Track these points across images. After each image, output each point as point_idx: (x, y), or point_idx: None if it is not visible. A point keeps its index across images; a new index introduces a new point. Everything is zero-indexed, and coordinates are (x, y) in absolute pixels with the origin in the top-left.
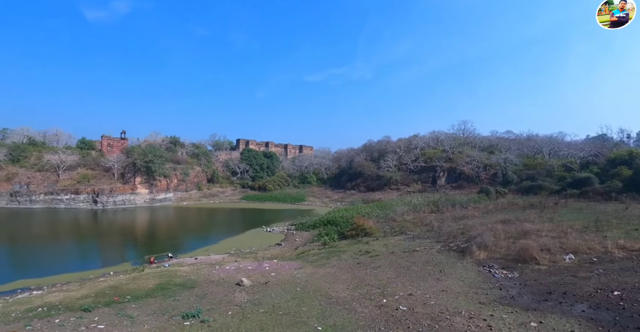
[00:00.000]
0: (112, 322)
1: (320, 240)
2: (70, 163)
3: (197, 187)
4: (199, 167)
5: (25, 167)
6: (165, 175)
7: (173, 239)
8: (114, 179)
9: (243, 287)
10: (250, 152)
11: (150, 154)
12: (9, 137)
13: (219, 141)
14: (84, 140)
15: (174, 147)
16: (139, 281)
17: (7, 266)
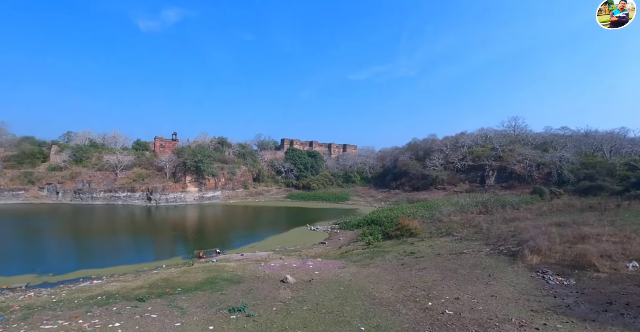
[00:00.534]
0: (164, 312)
1: (364, 239)
2: (126, 163)
3: (244, 185)
4: (245, 166)
5: (87, 167)
6: (214, 174)
7: (221, 236)
8: (166, 177)
9: (287, 284)
10: (295, 152)
11: (199, 154)
12: (72, 139)
13: (264, 141)
14: (139, 141)
15: (222, 148)
16: (189, 275)
17: (71, 257)
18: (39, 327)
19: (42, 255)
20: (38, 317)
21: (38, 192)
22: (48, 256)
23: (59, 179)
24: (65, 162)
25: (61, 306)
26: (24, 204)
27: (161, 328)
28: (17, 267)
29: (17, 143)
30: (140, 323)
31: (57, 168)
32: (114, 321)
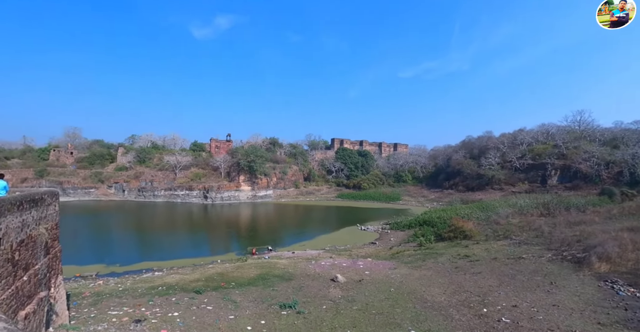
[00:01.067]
0: (219, 304)
1: (415, 241)
2: (185, 163)
3: (295, 185)
4: (296, 166)
5: (149, 167)
6: (266, 173)
7: (272, 233)
8: (221, 177)
9: (337, 283)
10: (345, 151)
11: (252, 155)
12: (136, 142)
13: (314, 141)
14: (196, 143)
15: (273, 148)
16: (242, 270)
17: (136, 250)
18: (107, 313)
19: (110, 247)
20: (106, 304)
21: (107, 190)
22: (115, 248)
23: (125, 178)
24: (130, 163)
25: (126, 294)
26: (94, 200)
27: (216, 319)
28: (88, 257)
29: (89, 146)
30: (197, 314)
31: (123, 168)
32: (173, 311)
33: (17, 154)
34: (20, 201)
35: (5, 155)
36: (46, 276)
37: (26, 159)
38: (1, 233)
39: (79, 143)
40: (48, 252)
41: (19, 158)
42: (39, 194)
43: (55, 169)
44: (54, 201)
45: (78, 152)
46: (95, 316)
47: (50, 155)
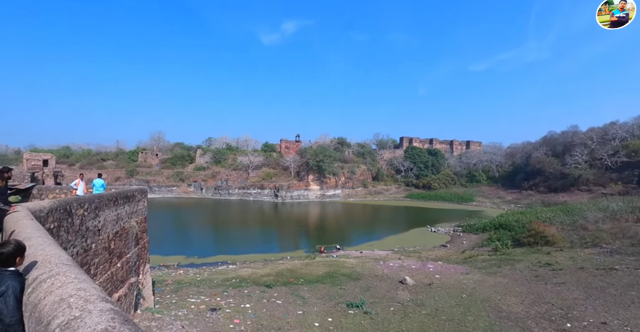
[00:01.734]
0: (288, 299)
1: (490, 245)
2: (256, 163)
3: (363, 184)
4: (365, 165)
5: (224, 167)
6: (334, 173)
7: (340, 232)
8: (290, 176)
9: (406, 285)
10: (414, 150)
11: (320, 154)
12: (213, 144)
13: (382, 140)
14: (267, 144)
15: (341, 147)
16: (311, 267)
17: (212, 244)
18: (186, 300)
19: (190, 240)
20: (186, 292)
21: (187, 188)
22: (194, 242)
23: (203, 177)
24: (208, 163)
25: (203, 284)
26: (176, 197)
27: (285, 314)
28: (171, 249)
29: (171, 148)
30: (267, 307)
31: (201, 168)
32: (245, 302)
33: (111, 156)
34: (116, 197)
35: (102, 158)
36: (136, 264)
37: (119, 160)
38: (100, 225)
39: (163, 146)
40: (138, 243)
41: (113, 160)
42: (131, 192)
43: (143, 169)
44: (143, 197)
45: (162, 153)
46: (177, 302)
47: (138, 157)
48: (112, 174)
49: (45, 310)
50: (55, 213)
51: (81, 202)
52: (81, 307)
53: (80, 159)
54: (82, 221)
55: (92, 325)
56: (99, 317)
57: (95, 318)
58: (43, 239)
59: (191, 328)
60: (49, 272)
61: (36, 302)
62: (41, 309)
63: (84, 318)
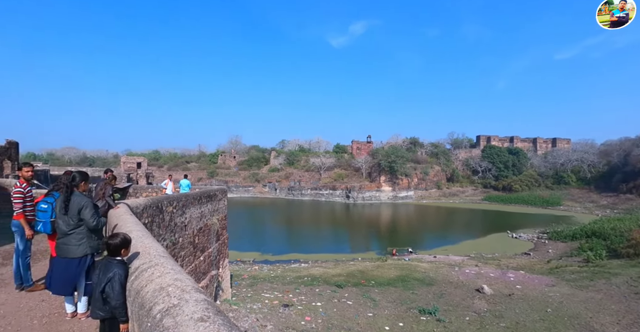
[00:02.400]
0: (358, 301)
1: (580, 255)
2: (328, 164)
3: (437, 186)
4: (438, 166)
5: (297, 168)
6: (407, 174)
7: (412, 235)
8: (362, 177)
9: (483, 294)
10: (493, 149)
11: (392, 155)
12: (286, 146)
13: (457, 139)
14: (338, 145)
15: (414, 148)
16: (382, 270)
17: (285, 242)
18: (261, 295)
19: (265, 238)
20: (260, 287)
21: (262, 188)
22: (268, 239)
23: (277, 178)
24: (281, 165)
25: (277, 280)
26: (252, 197)
27: (355, 315)
28: (247, 245)
29: (247, 151)
30: (337, 306)
31: (275, 169)
32: (317, 301)
33: (194, 158)
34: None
35: (186, 160)
36: (216, 258)
37: (201, 162)
38: (187, 221)
39: (240, 148)
40: (218, 239)
41: (196, 162)
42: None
43: (222, 170)
44: (223, 196)
45: (239, 156)
46: (252, 296)
47: (218, 159)
48: (194, 175)
49: (147, 296)
50: (149, 210)
51: (171, 200)
52: (179, 296)
53: (167, 162)
54: (171, 217)
55: (189, 313)
56: (195, 307)
57: (192, 307)
58: (142, 232)
59: (265, 322)
60: (148, 263)
61: (139, 288)
62: (143, 295)
63: (182, 306)
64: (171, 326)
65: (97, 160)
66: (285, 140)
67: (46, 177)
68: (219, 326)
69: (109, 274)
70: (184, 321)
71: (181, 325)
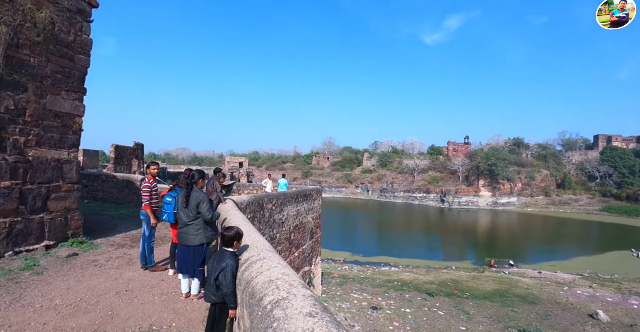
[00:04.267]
0: (450, 312)
1: None
2: (422, 167)
3: (544, 192)
4: (547, 170)
5: (390, 170)
6: (509, 178)
7: (514, 246)
8: (458, 181)
9: (597, 321)
10: (614, 151)
11: (492, 157)
12: (379, 147)
13: (570, 140)
14: (433, 146)
15: (517, 149)
16: (478, 281)
17: (376, 244)
18: (350, 295)
19: (356, 238)
20: (349, 287)
21: (354, 189)
22: (359, 240)
23: (369, 179)
24: (374, 166)
25: (366, 282)
26: (344, 197)
27: (447, 326)
28: (338, 245)
29: (340, 152)
30: (427, 315)
31: (367, 171)
32: (406, 307)
33: (289, 159)
34: (297, 195)
35: (282, 161)
36: (309, 255)
37: (296, 163)
38: (284, 218)
39: (333, 150)
40: (312, 237)
41: (291, 162)
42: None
43: (316, 170)
44: (318, 196)
45: (332, 157)
46: (341, 295)
47: (312, 160)
48: (290, 175)
49: (258, 287)
50: (252, 206)
51: (270, 198)
52: (287, 290)
53: (265, 162)
54: (270, 214)
55: (298, 307)
56: (303, 302)
57: (300, 302)
58: (249, 226)
59: (353, 322)
60: (257, 256)
61: (249, 279)
62: (254, 286)
63: (291, 300)
64: (281, 318)
65: (205, 160)
66: (378, 141)
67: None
68: (327, 323)
69: (222, 264)
70: (294, 314)
71: (291, 318)
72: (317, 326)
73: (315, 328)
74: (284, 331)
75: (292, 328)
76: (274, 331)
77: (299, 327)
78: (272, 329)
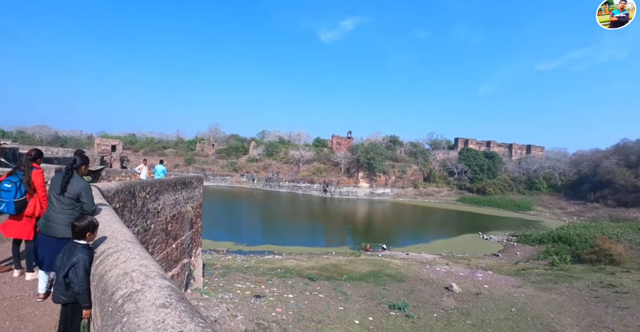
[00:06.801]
0: (330, 294)
1: (546, 258)
2: (307, 158)
3: (414, 185)
4: (416, 165)
5: (276, 160)
6: (385, 171)
7: (387, 232)
8: (340, 172)
9: (452, 292)
10: (470, 152)
11: (371, 152)
12: (266, 137)
13: (436, 140)
14: (318, 139)
15: (393, 146)
16: (355, 265)
17: (260, 233)
18: (233, 285)
19: (240, 228)
20: (233, 277)
21: (239, 178)
22: (244, 230)
23: (255, 168)
24: (260, 155)
25: (250, 271)
26: (229, 186)
27: (326, 308)
28: (221, 234)
29: (227, 139)
30: (309, 299)
31: (254, 160)
32: (289, 293)
33: (171, 144)
34: (175, 183)
35: (163, 145)
36: (189, 246)
37: (178, 149)
38: (160, 207)
39: (219, 137)
40: (192, 227)
41: (173, 148)
42: (189, 178)
43: (200, 157)
44: (199, 184)
45: (218, 144)
46: (224, 286)
47: (196, 146)
48: (171, 161)
49: (111, 281)
50: (121, 194)
51: (144, 186)
52: (142, 281)
53: (144, 146)
54: (143, 203)
55: (151, 299)
56: (158, 293)
57: (155, 293)
58: (110, 216)
59: (236, 312)
60: (115, 247)
61: (102, 273)
62: (107, 280)
63: (145, 292)
64: (132, 311)
65: (69, 141)
66: (266, 131)
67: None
68: (181, 313)
69: (73, 259)
70: (146, 306)
71: (142, 310)
72: (169, 317)
73: (167, 318)
74: (133, 324)
75: (142, 321)
76: (123, 326)
77: (150, 320)
78: (121, 324)
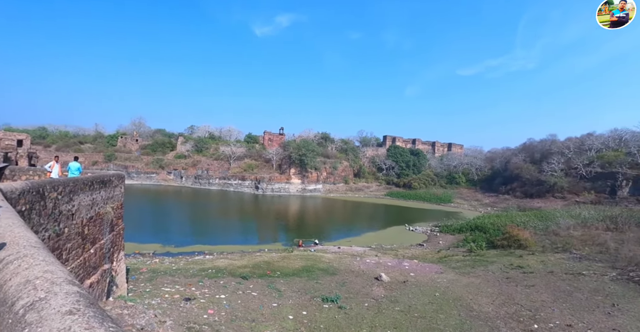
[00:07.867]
0: (263, 292)
1: (465, 246)
2: (239, 154)
3: (344, 180)
4: (347, 162)
5: (206, 156)
6: (316, 168)
7: (319, 227)
8: (272, 169)
9: (381, 282)
10: (397, 149)
11: (303, 149)
12: (195, 132)
13: (366, 137)
14: (250, 135)
15: (325, 143)
16: (288, 261)
17: (190, 233)
18: (161, 289)
19: (167, 229)
20: (160, 281)
21: (166, 175)
22: (172, 230)
23: (183, 165)
24: (189, 152)
25: (179, 273)
26: (155, 185)
27: (260, 305)
28: (147, 236)
29: (152, 134)
30: (242, 298)
31: (182, 156)
32: (221, 293)
33: (89, 139)
34: (92, 181)
35: (80, 140)
36: (110, 251)
37: (97, 144)
38: (74, 209)
39: (144, 131)
40: (113, 229)
41: (91, 143)
42: (108, 176)
43: (122, 154)
44: (120, 183)
45: (142, 139)
46: (150, 290)
47: (118, 142)
48: (89, 157)
49: (11, 291)
50: (28, 195)
51: (55, 185)
52: (47, 289)
53: (56, 141)
54: (55, 205)
55: (56, 307)
56: (64, 300)
57: (61, 300)
58: (13, 220)
59: (164, 317)
60: (16, 254)
61: (1, 283)
62: (6, 290)
63: (49, 300)
64: (34, 321)
65: None
66: (195, 126)
67: None
68: (89, 318)
69: None
70: (50, 315)
71: (46, 319)
72: (75, 324)
73: (74, 326)
74: None
75: (46, 330)
76: None
77: (54, 328)
78: None
